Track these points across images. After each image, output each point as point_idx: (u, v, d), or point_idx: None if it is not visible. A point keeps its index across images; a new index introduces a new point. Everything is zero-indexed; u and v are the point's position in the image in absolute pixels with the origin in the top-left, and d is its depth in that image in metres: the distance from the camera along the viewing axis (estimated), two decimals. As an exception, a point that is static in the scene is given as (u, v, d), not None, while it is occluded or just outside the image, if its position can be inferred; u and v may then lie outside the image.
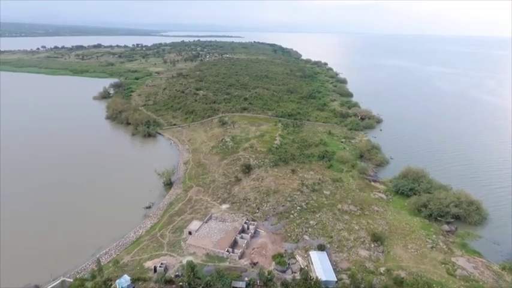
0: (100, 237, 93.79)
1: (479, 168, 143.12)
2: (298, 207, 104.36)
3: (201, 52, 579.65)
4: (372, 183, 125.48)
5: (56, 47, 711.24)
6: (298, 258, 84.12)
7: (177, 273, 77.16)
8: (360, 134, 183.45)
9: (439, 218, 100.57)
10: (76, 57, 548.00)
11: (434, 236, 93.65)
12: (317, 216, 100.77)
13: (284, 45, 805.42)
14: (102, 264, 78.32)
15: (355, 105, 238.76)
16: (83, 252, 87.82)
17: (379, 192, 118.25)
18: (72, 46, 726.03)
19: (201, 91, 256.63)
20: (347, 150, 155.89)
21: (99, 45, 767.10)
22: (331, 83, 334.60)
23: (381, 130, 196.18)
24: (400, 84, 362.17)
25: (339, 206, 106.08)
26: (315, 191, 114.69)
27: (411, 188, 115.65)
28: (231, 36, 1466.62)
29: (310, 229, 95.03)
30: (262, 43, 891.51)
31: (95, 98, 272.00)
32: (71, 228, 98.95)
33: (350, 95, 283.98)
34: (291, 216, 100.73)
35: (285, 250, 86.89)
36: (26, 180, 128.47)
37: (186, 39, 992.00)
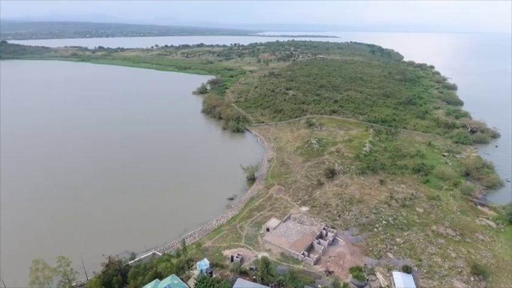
0: (187, 221, 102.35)
1: None
2: (384, 222, 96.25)
3: (294, 52, 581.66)
4: (479, 207, 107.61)
5: (165, 46, 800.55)
6: (379, 276, 77.43)
7: (251, 267, 79.08)
8: (468, 148, 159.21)
9: None
10: (181, 55, 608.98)
11: (560, 283, 75.50)
12: (405, 234, 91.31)
13: (384, 46, 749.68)
14: (186, 245, 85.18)
15: (465, 115, 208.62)
16: (171, 232, 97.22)
17: (487, 218, 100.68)
18: (179, 45, 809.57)
19: (291, 91, 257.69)
20: (449, 165, 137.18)
21: (201, 45, 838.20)
22: (437, 88, 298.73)
23: (496, 146, 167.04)
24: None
25: (434, 228, 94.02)
26: (406, 206, 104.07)
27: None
28: (326, 36, 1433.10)
29: (395, 247, 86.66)
30: (359, 43, 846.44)
31: (194, 93, 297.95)
32: (164, 209, 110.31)
33: (459, 103, 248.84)
34: (375, 229, 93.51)
35: (365, 264, 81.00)
36: (135, 159, 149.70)
37: (281, 39, 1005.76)
